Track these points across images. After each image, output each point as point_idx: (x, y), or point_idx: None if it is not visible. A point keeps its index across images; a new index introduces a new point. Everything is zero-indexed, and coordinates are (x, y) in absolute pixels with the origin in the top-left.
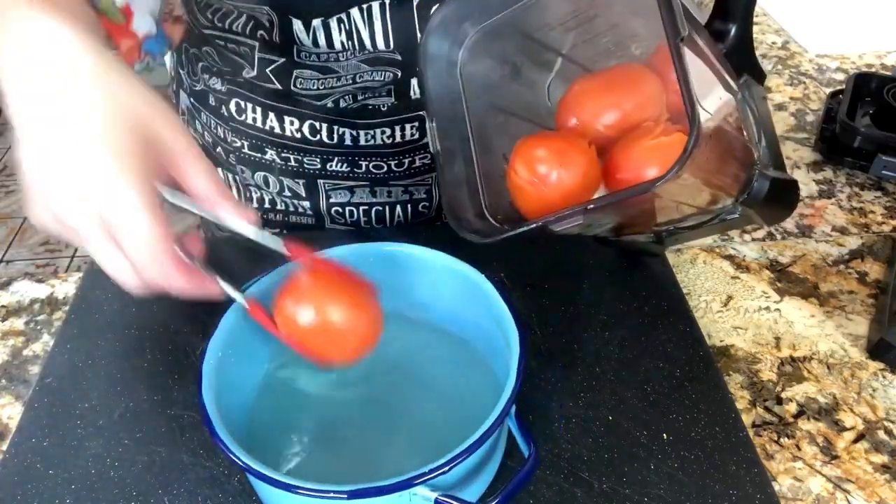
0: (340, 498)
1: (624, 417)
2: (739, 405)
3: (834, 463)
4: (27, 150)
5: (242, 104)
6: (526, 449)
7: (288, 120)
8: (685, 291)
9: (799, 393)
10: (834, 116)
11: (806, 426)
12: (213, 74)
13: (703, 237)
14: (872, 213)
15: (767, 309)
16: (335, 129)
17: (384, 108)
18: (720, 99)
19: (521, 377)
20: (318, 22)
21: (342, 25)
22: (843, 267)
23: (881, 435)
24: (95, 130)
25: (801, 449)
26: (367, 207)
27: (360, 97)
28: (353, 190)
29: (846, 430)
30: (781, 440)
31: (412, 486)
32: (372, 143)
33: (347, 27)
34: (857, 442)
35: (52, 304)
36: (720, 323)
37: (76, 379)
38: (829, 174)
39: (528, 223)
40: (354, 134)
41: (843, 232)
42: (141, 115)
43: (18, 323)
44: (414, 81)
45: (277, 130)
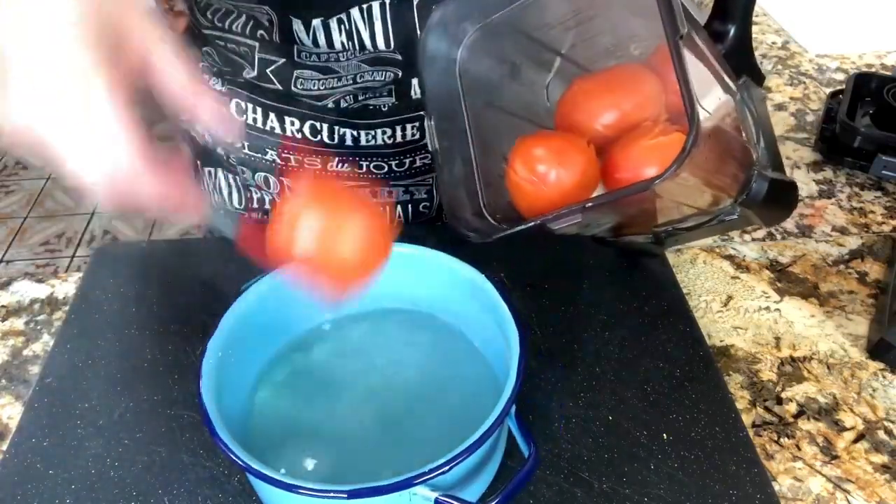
0: (340, 497)
1: (624, 417)
2: (739, 405)
3: (834, 463)
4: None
5: (243, 105)
6: (526, 449)
7: (289, 120)
8: (685, 291)
9: (799, 393)
10: (834, 116)
11: (806, 426)
12: (213, 75)
13: (702, 238)
14: (872, 213)
15: (767, 309)
16: (336, 129)
17: (385, 108)
18: (719, 99)
19: (521, 377)
20: (317, 22)
21: (342, 26)
22: (843, 267)
23: (881, 435)
24: (64, 38)
25: (801, 449)
26: None
27: (360, 97)
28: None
29: (846, 430)
30: (781, 440)
31: (412, 485)
32: (373, 143)
33: (347, 27)
34: (857, 442)
35: (52, 304)
36: (720, 323)
37: (76, 379)
38: (829, 174)
39: (526, 222)
40: (355, 134)
41: (843, 232)
42: (107, 13)
43: (18, 323)
44: (415, 81)
45: (278, 131)
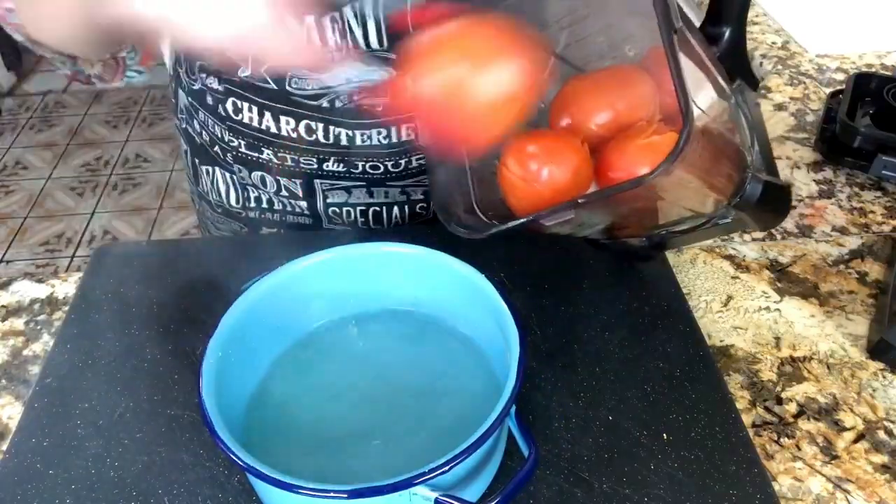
0: (340, 497)
1: (624, 417)
2: (739, 405)
3: (834, 463)
4: None
5: (239, 103)
6: (526, 449)
7: (284, 120)
8: (685, 291)
9: (799, 393)
10: (834, 116)
11: (806, 426)
12: (210, 74)
13: (696, 242)
14: (872, 213)
15: (767, 309)
16: (331, 129)
17: (379, 108)
18: (713, 99)
19: (521, 377)
20: (310, 20)
21: (335, 24)
22: (843, 267)
23: (881, 435)
24: None
25: (801, 449)
26: (364, 208)
27: (355, 97)
28: (349, 190)
29: (846, 430)
30: (781, 440)
31: (412, 485)
32: (368, 143)
33: (340, 26)
34: (857, 442)
35: (52, 304)
36: (720, 323)
37: (76, 379)
38: (829, 174)
39: (517, 219)
40: (350, 134)
41: (843, 232)
42: None
43: (18, 323)
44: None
45: (273, 130)
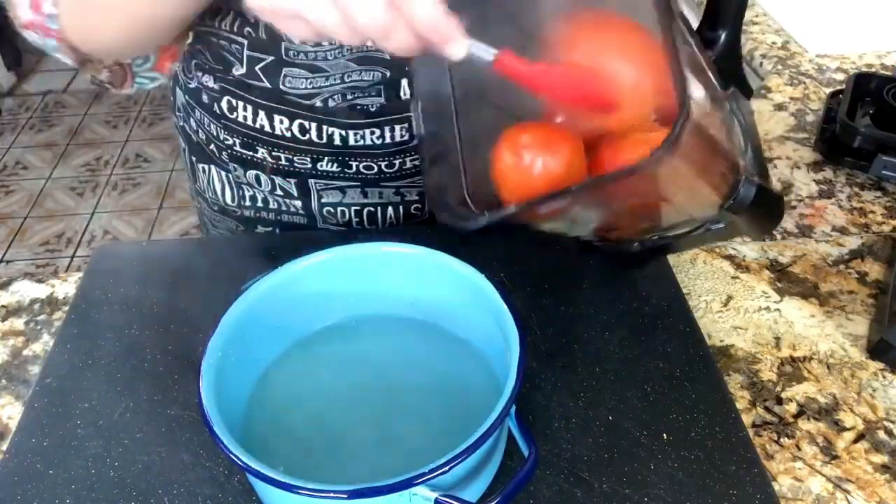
0: (340, 498)
1: (624, 417)
2: (739, 405)
3: (834, 463)
4: None
5: (234, 102)
6: (526, 449)
7: (278, 119)
8: (685, 291)
9: (799, 393)
10: (834, 116)
11: (806, 426)
12: (205, 72)
13: (689, 248)
14: (872, 213)
15: (767, 309)
16: (324, 128)
17: (373, 108)
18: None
19: (521, 377)
20: None
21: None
22: (843, 267)
23: (881, 435)
24: None
25: (801, 449)
26: (358, 208)
27: (349, 97)
28: (344, 190)
29: (846, 430)
30: (781, 440)
31: (412, 486)
32: (361, 143)
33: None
34: (857, 442)
35: (52, 304)
36: (720, 323)
37: (76, 379)
38: (829, 174)
39: (509, 208)
40: (343, 134)
41: (843, 232)
42: None
43: (18, 323)
44: (404, 82)
45: (268, 129)
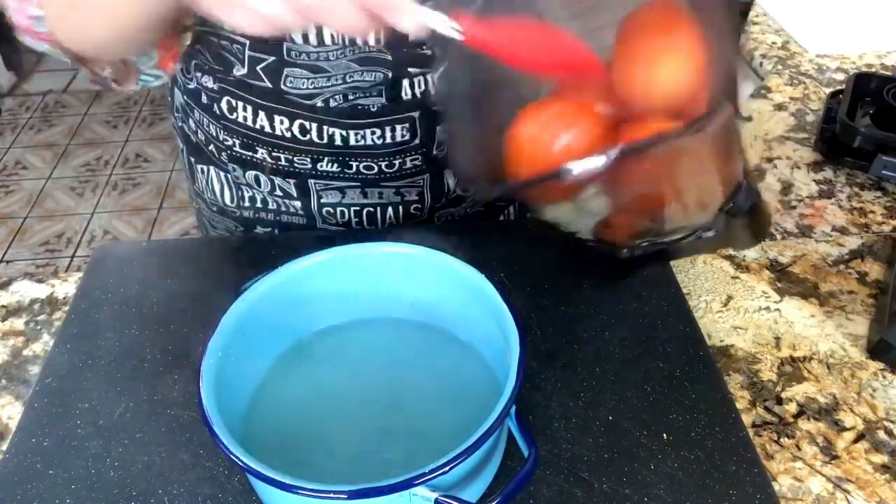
0: (340, 498)
1: (624, 417)
2: (739, 405)
3: (834, 463)
4: None
5: (233, 102)
6: (526, 449)
7: (278, 119)
8: (685, 291)
9: (799, 393)
10: (834, 116)
11: (806, 426)
12: (205, 72)
13: (676, 258)
14: (872, 213)
15: (767, 309)
16: (325, 129)
17: (374, 108)
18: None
19: (521, 377)
20: None
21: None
22: (843, 267)
23: (881, 435)
24: None
25: (801, 449)
26: (358, 208)
27: (350, 97)
28: (344, 191)
29: (846, 430)
30: (781, 440)
31: (412, 486)
32: (362, 143)
33: None
34: (857, 442)
35: (52, 304)
36: (720, 323)
37: (76, 379)
38: (829, 174)
39: (541, 174)
40: (344, 134)
41: (843, 232)
42: None
43: (18, 323)
44: (405, 82)
45: (268, 129)
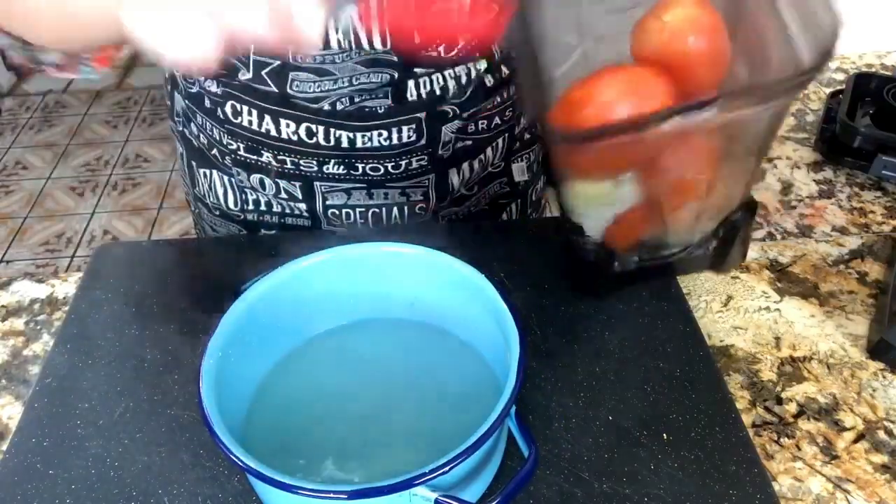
0: (340, 498)
1: (624, 417)
2: (739, 405)
3: (834, 463)
4: None
5: (238, 107)
6: (526, 449)
7: (284, 123)
8: (685, 291)
9: (799, 393)
10: (834, 116)
11: (806, 426)
12: (207, 77)
13: (662, 277)
14: (872, 213)
15: (767, 309)
16: (332, 131)
17: (381, 110)
18: None
19: (521, 377)
20: None
21: (339, 24)
22: (843, 267)
23: (881, 435)
24: None
25: (801, 449)
26: (363, 209)
27: (356, 99)
28: (349, 192)
29: (846, 430)
30: (781, 440)
31: (412, 486)
32: (369, 145)
33: (344, 26)
34: (857, 442)
35: (52, 304)
36: (720, 323)
37: (76, 379)
38: (829, 174)
39: (639, 118)
40: (351, 136)
41: (843, 232)
42: None
43: (18, 323)
44: (411, 83)
45: (274, 133)
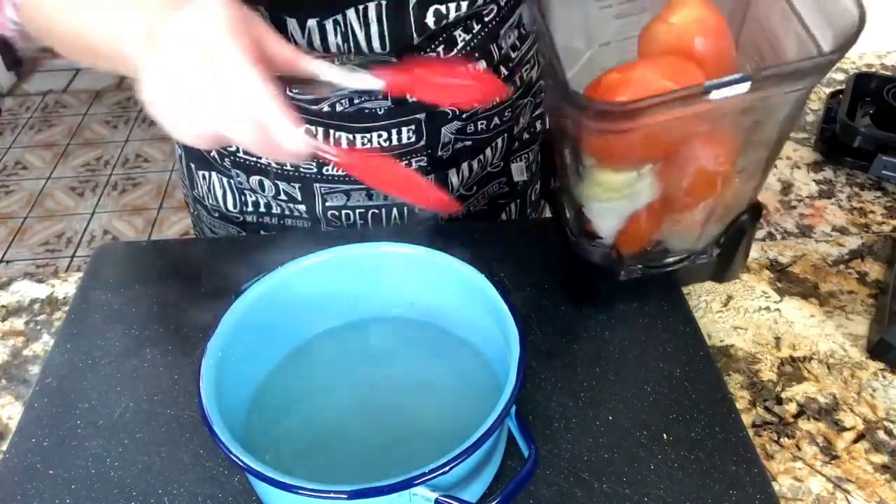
0: (341, 498)
1: (624, 417)
2: (739, 405)
3: (834, 463)
4: (157, 69)
5: None
6: (526, 449)
7: None
8: (685, 291)
9: (799, 393)
10: (834, 116)
11: (806, 426)
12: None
13: (658, 288)
14: (872, 213)
15: (767, 309)
16: (331, 133)
17: (381, 111)
18: None
19: (521, 377)
20: (313, 23)
21: (338, 27)
22: (843, 267)
23: (881, 435)
24: (223, 33)
25: (801, 449)
26: (363, 210)
27: (356, 101)
28: (349, 193)
29: (846, 430)
30: (781, 440)
31: (412, 486)
32: (368, 146)
33: (343, 29)
34: (857, 442)
35: (52, 304)
36: (720, 323)
37: (76, 379)
38: (829, 174)
39: (683, 88)
40: (351, 138)
41: (843, 232)
42: (252, 24)
43: (18, 323)
44: None
45: None
